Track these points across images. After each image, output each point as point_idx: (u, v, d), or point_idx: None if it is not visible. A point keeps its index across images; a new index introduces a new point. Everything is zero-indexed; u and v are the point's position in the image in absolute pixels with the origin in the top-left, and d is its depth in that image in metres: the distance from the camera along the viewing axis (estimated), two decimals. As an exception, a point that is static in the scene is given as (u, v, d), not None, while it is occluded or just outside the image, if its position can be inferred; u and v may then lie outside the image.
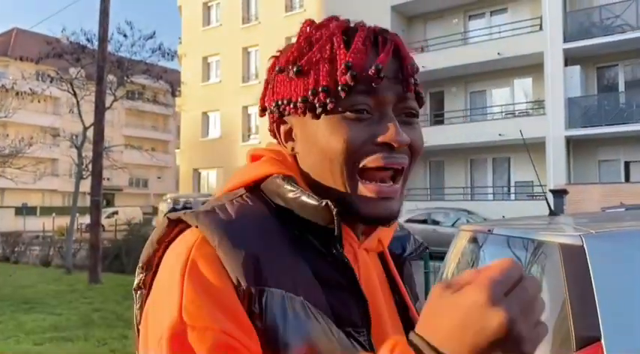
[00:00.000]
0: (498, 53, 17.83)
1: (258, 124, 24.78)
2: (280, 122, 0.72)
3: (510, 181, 19.22)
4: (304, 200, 0.64)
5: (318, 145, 0.66)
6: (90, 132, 11.56)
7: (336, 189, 0.66)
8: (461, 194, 19.78)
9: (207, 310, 0.55)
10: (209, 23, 27.44)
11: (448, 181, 20.26)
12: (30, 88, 14.24)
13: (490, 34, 19.30)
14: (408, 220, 14.25)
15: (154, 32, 14.29)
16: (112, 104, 12.66)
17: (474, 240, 2.69)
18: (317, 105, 0.65)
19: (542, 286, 2.01)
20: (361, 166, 0.65)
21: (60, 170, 38.52)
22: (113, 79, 13.38)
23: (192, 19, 27.69)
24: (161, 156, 38.52)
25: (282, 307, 0.58)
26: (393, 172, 0.67)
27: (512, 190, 19.13)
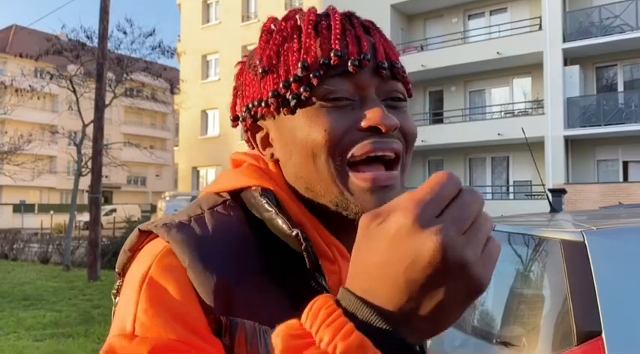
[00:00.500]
0: (498, 53, 17.86)
1: (257, 123, 24.79)
2: (255, 129, 0.67)
3: (509, 181, 19.27)
4: (278, 224, 0.59)
5: (298, 143, 0.60)
6: (89, 129, 11.56)
7: (325, 190, 0.60)
8: (459, 193, 19.80)
9: (161, 320, 0.52)
10: (208, 21, 27.41)
11: (447, 181, 20.27)
12: (29, 85, 14.22)
13: (489, 34, 19.32)
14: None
15: (154, 30, 14.29)
16: (111, 101, 12.65)
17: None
18: (290, 97, 0.60)
19: (544, 281, 2.04)
20: (349, 158, 0.59)
21: (58, 168, 38.48)
22: (112, 77, 13.37)
23: (192, 16, 27.66)
24: (160, 154, 38.45)
25: (252, 340, 0.54)
26: (387, 161, 0.60)
27: (511, 189, 19.18)
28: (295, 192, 0.63)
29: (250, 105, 0.65)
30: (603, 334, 1.64)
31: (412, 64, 17.59)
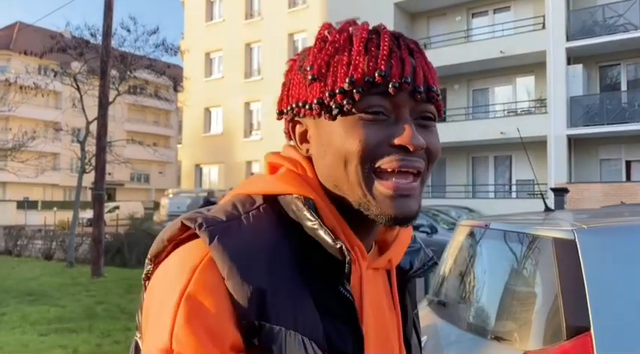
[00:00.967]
0: (501, 51, 17.85)
1: (260, 120, 24.85)
2: (295, 123, 0.72)
3: (512, 179, 19.27)
4: (321, 235, 0.64)
5: (334, 147, 0.66)
6: (93, 126, 11.62)
7: (351, 191, 0.66)
8: (462, 192, 19.84)
9: (196, 338, 0.56)
10: (212, 18, 27.44)
11: (450, 179, 20.31)
12: (34, 83, 14.29)
13: (493, 32, 19.31)
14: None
15: (158, 27, 14.34)
16: (114, 99, 12.71)
17: (472, 235, 2.75)
18: (333, 106, 0.65)
19: (536, 278, 2.08)
20: (377, 167, 0.65)
21: (61, 164, 38.66)
22: (116, 74, 13.43)
23: (195, 14, 27.70)
24: (163, 151, 38.58)
25: (279, 344, 0.58)
26: (409, 176, 0.66)
27: (514, 188, 19.19)
28: (325, 189, 0.69)
29: (295, 105, 0.70)
30: (592, 330, 1.69)
31: (415, 62, 17.56)
